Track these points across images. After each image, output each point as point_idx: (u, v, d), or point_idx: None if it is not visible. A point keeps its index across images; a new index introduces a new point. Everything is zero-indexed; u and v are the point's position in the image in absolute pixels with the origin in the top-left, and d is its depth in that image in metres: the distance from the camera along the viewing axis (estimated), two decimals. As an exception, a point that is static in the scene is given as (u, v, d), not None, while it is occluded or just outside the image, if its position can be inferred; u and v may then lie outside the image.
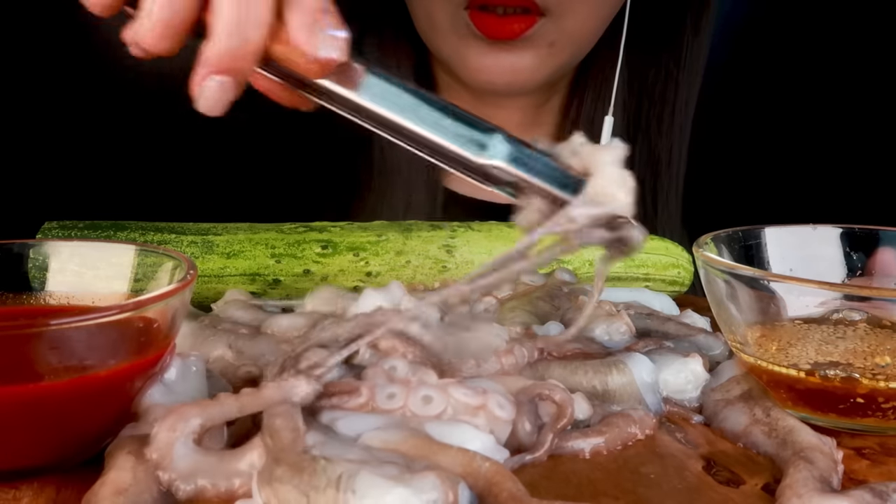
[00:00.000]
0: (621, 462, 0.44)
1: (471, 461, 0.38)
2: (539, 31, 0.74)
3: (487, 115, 0.85)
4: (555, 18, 0.74)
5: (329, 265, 0.65)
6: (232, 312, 0.59)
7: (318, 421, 0.41)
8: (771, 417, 0.46)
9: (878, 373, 0.45)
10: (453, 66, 0.78)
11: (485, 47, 0.74)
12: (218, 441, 0.40)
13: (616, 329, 0.54)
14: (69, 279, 0.48)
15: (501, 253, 0.45)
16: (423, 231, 0.67)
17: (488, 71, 0.75)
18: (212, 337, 0.53)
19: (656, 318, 0.58)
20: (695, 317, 0.59)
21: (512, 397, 0.44)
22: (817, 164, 0.60)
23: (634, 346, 0.53)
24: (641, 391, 0.48)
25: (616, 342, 0.54)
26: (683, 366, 0.50)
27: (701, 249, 0.50)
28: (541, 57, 0.75)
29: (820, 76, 0.72)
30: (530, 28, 0.73)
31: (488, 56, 0.75)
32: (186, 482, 0.37)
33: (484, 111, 0.84)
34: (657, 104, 0.84)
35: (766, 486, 0.42)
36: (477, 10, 0.72)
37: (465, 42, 0.75)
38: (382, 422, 0.41)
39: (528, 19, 0.73)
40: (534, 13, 0.73)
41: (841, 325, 0.49)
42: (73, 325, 0.38)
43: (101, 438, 0.41)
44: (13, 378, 0.38)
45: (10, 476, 0.40)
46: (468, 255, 0.66)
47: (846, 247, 0.54)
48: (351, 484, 0.34)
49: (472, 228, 0.68)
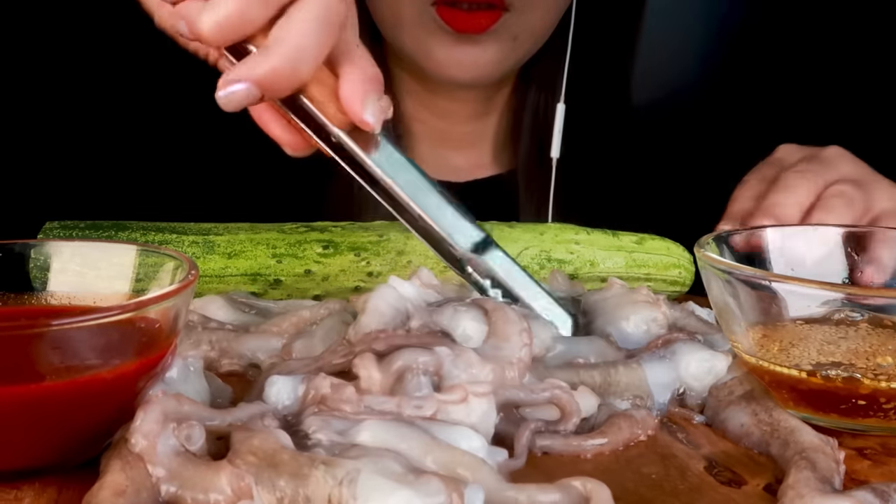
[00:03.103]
0: (623, 462, 0.44)
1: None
2: (503, 26, 0.77)
3: (442, 105, 0.89)
4: (518, 13, 0.77)
5: (330, 265, 0.65)
6: (214, 311, 0.59)
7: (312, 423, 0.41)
8: (773, 418, 0.46)
9: (879, 373, 0.45)
10: (418, 60, 0.81)
11: (451, 42, 0.78)
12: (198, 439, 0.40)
13: (653, 318, 0.53)
14: (71, 279, 0.48)
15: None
16: None
17: (454, 65, 0.79)
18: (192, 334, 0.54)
19: (683, 311, 0.58)
20: (697, 309, 0.59)
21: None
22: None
23: (668, 337, 0.52)
24: (653, 391, 0.48)
25: (639, 339, 0.53)
26: (711, 357, 0.50)
27: (702, 249, 0.50)
28: (504, 50, 0.79)
29: (818, 76, 0.72)
30: (495, 22, 0.76)
31: (455, 50, 0.78)
32: (169, 484, 0.37)
33: (438, 102, 0.87)
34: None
35: (768, 487, 0.42)
36: (444, 5, 0.76)
37: (431, 36, 0.78)
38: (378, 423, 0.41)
39: (493, 14, 0.76)
40: (498, 8, 0.76)
41: (842, 325, 0.49)
42: (75, 325, 0.38)
43: (103, 439, 0.41)
44: (15, 378, 0.38)
45: (11, 476, 0.40)
46: None
47: (846, 247, 0.54)
48: (353, 488, 0.34)
49: None
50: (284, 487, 0.35)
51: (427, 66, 0.80)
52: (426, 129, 0.89)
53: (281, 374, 0.44)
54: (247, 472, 0.36)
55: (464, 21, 0.76)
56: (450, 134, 0.89)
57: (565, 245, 0.68)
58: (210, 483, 0.36)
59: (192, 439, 0.38)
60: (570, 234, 0.68)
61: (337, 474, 0.35)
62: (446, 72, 0.79)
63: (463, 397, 0.42)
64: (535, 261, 0.67)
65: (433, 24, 0.77)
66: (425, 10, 0.77)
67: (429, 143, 0.89)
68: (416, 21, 0.78)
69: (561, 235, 0.68)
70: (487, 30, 0.76)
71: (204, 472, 0.36)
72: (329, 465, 0.36)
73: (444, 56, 0.78)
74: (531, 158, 0.86)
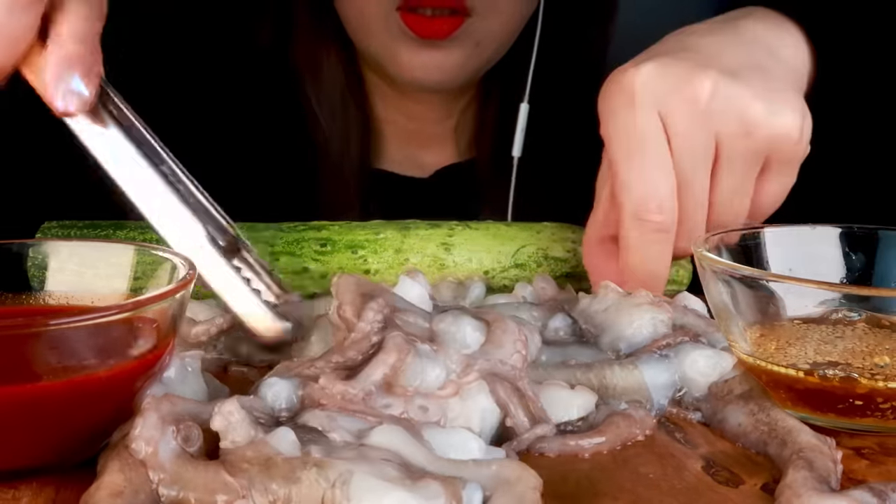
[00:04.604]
0: (621, 462, 0.44)
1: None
2: (466, 31, 0.79)
3: (411, 107, 0.91)
4: (480, 19, 0.80)
5: (328, 263, 0.65)
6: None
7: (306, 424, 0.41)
8: (770, 417, 0.46)
9: (876, 373, 0.45)
10: (384, 64, 0.83)
11: (415, 46, 0.80)
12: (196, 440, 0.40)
13: (660, 319, 0.53)
14: (68, 279, 0.48)
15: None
16: (420, 229, 0.67)
17: (419, 69, 0.81)
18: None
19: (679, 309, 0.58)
20: (691, 300, 0.58)
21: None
22: (817, 164, 0.60)
23: (673, 337, 0.52)
24: (651, 392, 0.48)
25: (640, 340, 0.53)
26: (716, 355, 0.50)
27: (700, 249, 0.50)
28: (467, 55, 0.81)
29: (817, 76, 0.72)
30: (457, 28, 0.79)
31: (419, 54, 0.80)
32: (170, 488, 0.37)
33: (407, 104, 0.90)
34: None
35: (766, 486, 0.42)
36: (408, 11, 0.78)
37: (396, 41, 0.80)
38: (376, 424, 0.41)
39: (456, 20, 0.79)
40: (461, 14, 0.79)
41: (840, 324, 0.49)
42: (73, 325, 0.38)
43: (101, 439, 0.41)
44: (13, 378, 0.38)
45: (8, 476, 0.40)
46: (466, 252, 0.67)
47: (846, 247, 0.54)
48: (346, 490, 0.34)
49: (470, 227, 0.68)
50: (277, 490, 0.35)
51: (393, 70, 0.83)
52: (396, 130, 0.92)
53: (279, 376, 0.44)
54: (240, 475, 0.36)
55: (427, 27, 0.78)
56: (419, 134, 0.92)
57: (561, 243, 0.68)
58: (211, 484, 0.36)
59: (190, 441, 0.38)
60: (568, 233, 0.69)
61: (329, 476, 0.35)
62: (412, 75, 0.82)
63: (455, 391, 0.43)
64: (531, 259, 0.67)
65: (398, 30, 0.79)
66: (390, 16, 0.79)
67: (398, 143, 0.92)
68: (381, 26, 0.80)
69: (558, 234, 0.69)
70: (450, 35, 0.79)
71: (203, 474, 0.36)
72: (321, 466, 0.35)
73: (409, 60, 0.81)
74: (494, 157, 0.88)
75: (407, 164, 0.91)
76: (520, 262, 0.67)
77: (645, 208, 0.56)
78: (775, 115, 0.56)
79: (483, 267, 0.66)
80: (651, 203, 0.56)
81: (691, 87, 0.55)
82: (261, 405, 0.42)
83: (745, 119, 0.55)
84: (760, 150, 0.57)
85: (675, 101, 0.56)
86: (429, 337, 0.46)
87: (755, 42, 0.60)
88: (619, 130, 0.57)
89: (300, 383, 0.43)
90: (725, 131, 0.56)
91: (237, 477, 0.36)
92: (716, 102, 0.55)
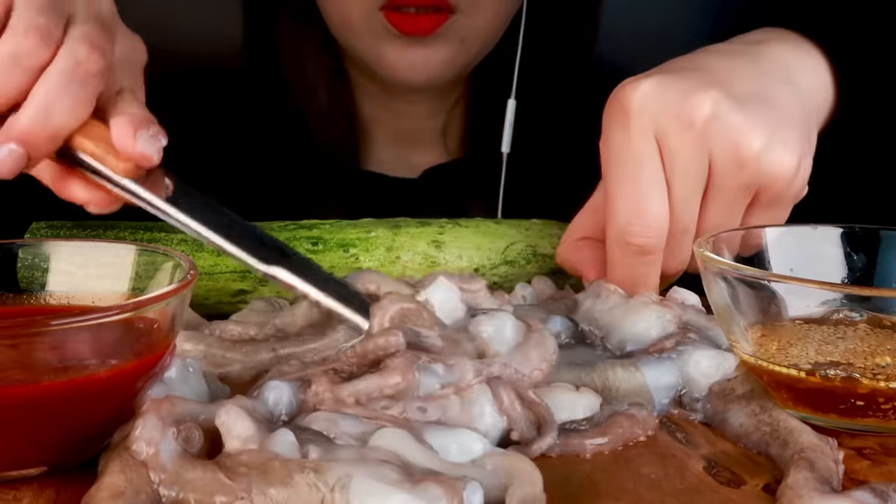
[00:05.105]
0: (622, 462, 0.44)
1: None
2: (450, 28, 0.79)
3: (398, 106, 0.90)
4: (465, 16, 0.80)
5: (319, 261, 0.65)
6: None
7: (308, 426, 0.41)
8: (772, 418, 0.46)
9: (878, 373, 0.45)
10: (370, 64, 0.83)
11: (400, 45, 0.80)
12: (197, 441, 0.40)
13: (667, 318, 0.53)
14: (69, 279, 0.48)
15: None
16: (411, 227, 0.67)
17: (405, 67, 0.81)
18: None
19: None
20: (686, 294, 0.58)
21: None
22: (817, 164, 0.60)
23: (681, 333, 0.52)
24: (653, 393, 0.48)
25: (649, 339, 0.53)
26: (720, 356, 0.50)
27: (701, 249, 0.50)
28: (452, 52, 0.81)
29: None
30: (441, 25, 0.79)
31: (404, 52, 0.80)
32: (170, 489, 0.37)
33: (395, 103, 0.89)
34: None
35: (767, 487, 0.42)
36: (392, 10, 0.78)
37: (381, 40, 0.80)
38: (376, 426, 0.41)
39: (440, 17, 0.78)
40: (445, 11, 0.78)
41: (841, 325, 0.49)
42: (73, 325, 0.38)
43: (102, 439, 0.41)
44: (13, 378, 0.38)
45: (9, 477, 0.40)
46: (457, 250, 0.67)
47: (846, 247, 0.54)
48: (346, 494, 0.34)
49: (460, 224, 0.68)
50: (275, 495, 0.35)
51: (380, 69, 0.82)
52: (384, 130, 0.91)
53: (280, 379, 0.44)
54: (239, 478, 0.36)
55: (411, 24, 0.78)
56: (408, 133, 0.92)
57: (550, 240, 0.68)
58: (211, 486, 0.36)
59: (191, 441, 0.38)
60: (556, 229, 0.69)
61: (328, 480, 0.35)
62: (398, 74, 0.82)
63: (454, 391, 0.43)
64: (521, 255, 0.67)
65: (382, 28, 0.79)
66: (374, 15, 0.79)
67: (387, 144, 0.92)
68: (365, 25, 0.80)
69: (546, 230, 0.69)
70: (434, 32, 0.79)
71: (204, 475, 0.36)
72: (319, 470, 0.35)
73: (395, 58, 0.81)
74: (483, 154, 0.87)
75: (396, 165, 0.91)
76: (509, 259, 0.67)
77: (629, 231, 0.56)
78: (770, 153, 0.55)
79: (473, 264, 0.67)
80: (635, 226, 0.56)
81: (688, 106, 0.55)
82: (262, 407, 0.42)
83: (738, 150, 0.55)
84: (750, 185, 0.56)
85: (670, 121, 0.55)
86: (441, 350, 0.46)
87: (772, 70, 0.60)
88: (612, 149, 0.57)
89: (301, 386, 0.43)
90: (719, 158, 0.56)
91: (236, 480, 0.36)
92: (713, 125, 0.55)
